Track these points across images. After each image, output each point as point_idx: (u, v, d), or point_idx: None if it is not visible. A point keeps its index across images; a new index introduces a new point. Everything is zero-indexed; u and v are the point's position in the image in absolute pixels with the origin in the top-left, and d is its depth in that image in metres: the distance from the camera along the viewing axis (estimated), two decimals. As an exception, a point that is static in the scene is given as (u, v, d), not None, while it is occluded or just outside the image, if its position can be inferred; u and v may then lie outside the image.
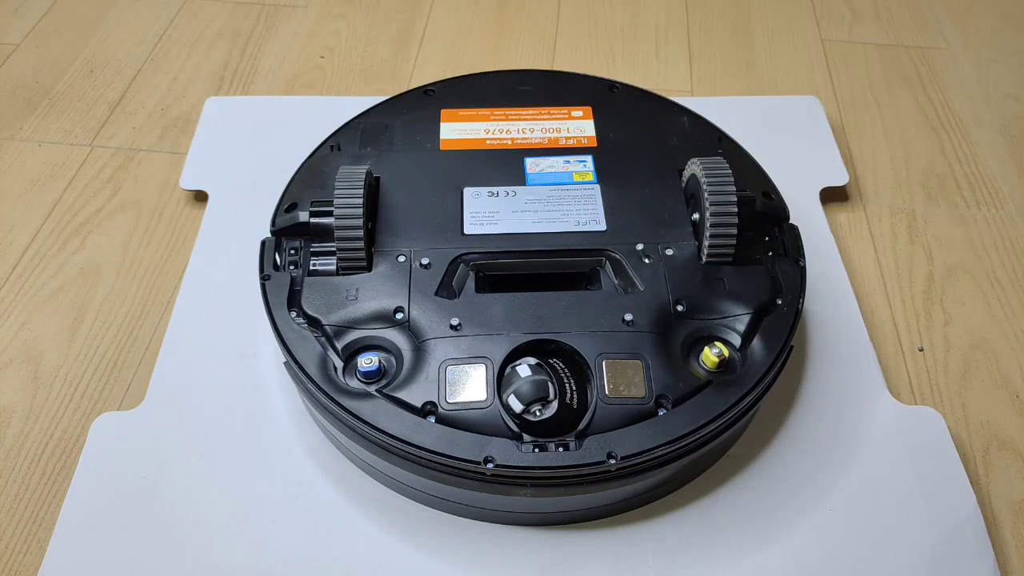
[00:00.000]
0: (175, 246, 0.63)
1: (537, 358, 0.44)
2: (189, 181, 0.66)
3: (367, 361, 0.44)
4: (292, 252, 0.50)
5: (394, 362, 0.45)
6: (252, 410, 0.52)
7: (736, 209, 0.48)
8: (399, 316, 0.46)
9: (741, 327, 0.47)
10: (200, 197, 0.66)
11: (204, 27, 0.84)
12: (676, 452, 0.43)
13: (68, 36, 0.83)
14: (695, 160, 0.51)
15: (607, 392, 0.43)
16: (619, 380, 0.44)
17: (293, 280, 0.49)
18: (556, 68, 0.79)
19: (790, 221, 0.53)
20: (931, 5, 0.89)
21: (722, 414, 0.44)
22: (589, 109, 0.60)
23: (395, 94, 0.61)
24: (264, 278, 0.49)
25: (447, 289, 0.48)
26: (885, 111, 0.76)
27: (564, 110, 0.60)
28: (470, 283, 0.48)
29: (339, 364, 0.45)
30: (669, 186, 0.54)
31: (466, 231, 0.51)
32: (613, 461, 0.41)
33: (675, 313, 0.47)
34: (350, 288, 0.48)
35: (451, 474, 0.43)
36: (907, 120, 0.75)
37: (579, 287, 0.49)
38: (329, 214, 0.49)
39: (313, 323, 0.47)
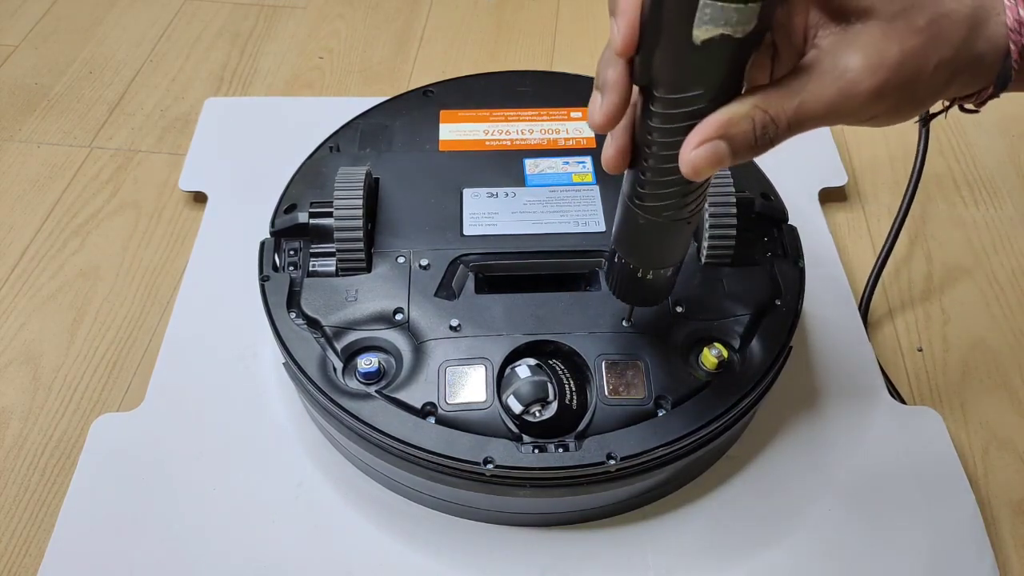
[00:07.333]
0: (174, 247, 0.63)
1: (536, 359, 0.44)
2: (188, 182, 0.66)
3: (367, 362, 0.44)
4: (291, 253, 0.50)
5: (394, 363, 0.45)
6: (252, 410, 0.52)
7: (734, 210, 0.48)
8: (399, 317, 0.46)
9: (740, 328, 0.47)
10: (199, 198, 0.66)
11: (203, 28, 0.84)
12: (675, 453, 0.43)
13: (67, 37, 0.83)
14: (694, 161, 0.51)
15: (606, 393, 0.43)
16: (618, 381, 0.44)
17: (292, 281, 0.48)
18: (555, 69, 0.80)
19: (789, 222, 0.53)
20: (930, 5, 0.89)
21: (721, 415, 0.44)
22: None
23: (394, 95, 0.61)
24: (263, 279, 0.49)
25: (446, 290, 0.48)
26: (884, 111, 0.76)
27: (563, 111, 0.60)
28: (469, 284, 0.48)
29: (339, 365, 0.45)
30: (668, 187, 0.54)
31: (465, 232, 0.51)
32: (613, 462, 0.41)
33: (674, 314, 0.47)
34: (349, 289, 0.48)
35: (451, 475, 0.43)
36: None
37: (578, 288, 0.49)
38: (329, 215, 0.49)
39: (312, 324, 0.47)
